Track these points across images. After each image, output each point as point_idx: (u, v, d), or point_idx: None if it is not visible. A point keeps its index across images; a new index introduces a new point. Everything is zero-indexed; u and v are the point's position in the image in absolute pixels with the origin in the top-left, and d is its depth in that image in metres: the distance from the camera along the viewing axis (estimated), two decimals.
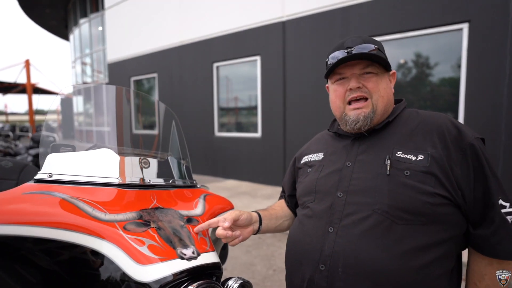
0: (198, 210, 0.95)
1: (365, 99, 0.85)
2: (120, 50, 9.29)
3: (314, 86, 5.10)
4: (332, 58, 0.87)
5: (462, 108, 3.94)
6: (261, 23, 5.76)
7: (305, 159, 1.05)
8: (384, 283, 0.71)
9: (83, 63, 14.46)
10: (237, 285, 0.76)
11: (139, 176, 0.93)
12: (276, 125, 5.69)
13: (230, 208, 1.12)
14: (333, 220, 0.81)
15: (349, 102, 0.87)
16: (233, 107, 6.76)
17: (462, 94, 3.93)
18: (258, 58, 5.89)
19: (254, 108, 6.16)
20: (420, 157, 0.76)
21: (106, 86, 1.29)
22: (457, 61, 4.00)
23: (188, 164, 1.24)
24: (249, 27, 5.94)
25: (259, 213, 1.00)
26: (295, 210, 1.11)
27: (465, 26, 3.81)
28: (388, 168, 0.77)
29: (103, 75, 12.42)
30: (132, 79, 9.01)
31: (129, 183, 0.88)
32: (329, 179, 0.88)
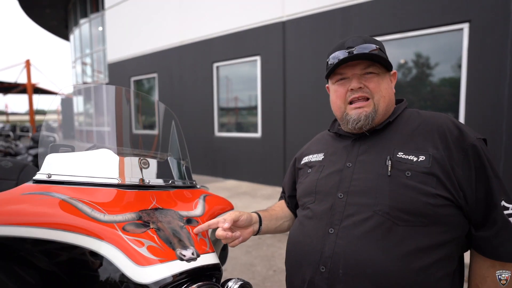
0: (197, 211, 0.95)
1: (367, 99, 0.85)
2: (120, 50, 9.29)
3: (314, 86, 5.09)
4: (332, 58, 0.86)
5: (462, 108, 3.93)
6: (261, 23, 5.75)
7: (305, 159, 1.04)
8: (385, 285, 0.70)
9: (84, 63, 14.47)
10: (237, 286, 0.76)
11: (139, 177, 0.92)
12: (276, 125, 5.69)
13: (230, 209, 1.12)
14: (333, 221, 0.80)
15: (350, 102, 0.87)
16: (233, 107, 6.76)
17: (462, 94, 3.92)
18: (258, 58, 5.88)
19: (254, 108, 6.16)
20: (421, 157, 0.76)
21: (105, 86, 1.28)
22: (457, 61, 4.00)
23: (187, 164, 1.24)
24: (249, 27, 5.93)
25: (259, 214, 0.99)
26: (295, 211, 1.10)
27: (465, 26, 3.81)
28: (389, 169, 0.77)
29: (103, 75, 12.42)
30: (132, 79, 9.01)
31: (128, 183, 0.88)
32: (330, 179, 0.87)
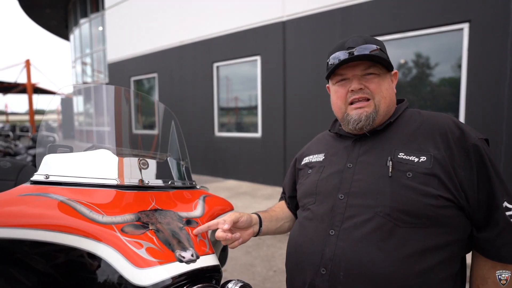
0: (197, 212, 0.94)
1: (367, 99, 0.84)
2: (120, 50, 9.28)
3: (315, 86, 5.09)
4: (333, 58, 0.86)
5: (462, 108, 3.93)
6: (261, 23, 5.75)
7: (305, 160, 1.03)
8: (386, 287, 0.70)
9: (84, 63, 14.47)
10: None
11: (138, 177, 0.91)
12: (276, 125, 5.68)
13: (230, 210, 1.11)
14: (334, 222, 0.79)
15: (351, 102, 0.86)
16: (233, 107, 6.75)
17: (462, 94, 3.92)
18: (258, 58, 5.88)
19: (254, 108, 6.15)
20: (422, 158, 0.75)
21: (105, 86, 1.28)
22: (457, 61, 3.99)
23: (187, 164, 1.23)
24: (249, 27, 5.93)
25: (259, 215, 0.98)
26: (295, 212, 1.09)
27: (465, 26, 3.80)
28: (390, 169, 0.76)
29: (103, 75, 12.42)
30: (132, 79, 9.00)
31: (127, 184, 0.87)
32: (330, 180, 0.87)
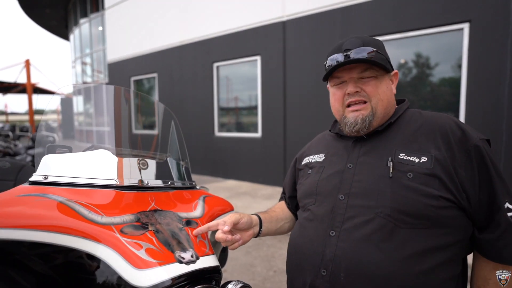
0: (197, 212, 0.94)
1: (364, 102, 0.84)
2: (120, 50, 9.27)
3: (315, 86, 5.08)
4: (330, 60, 0.86)
5: (462, 108, 3.92)
6: (261, 23, 5.74)
7: (306, 160, 1.03)
8: None
9: (83, 63, 14.46)
10: None
11: (137, 178, 0.91)
12: (276, 125, 5.68)
13: (230, 210, 1.10)
14: (334, 223, 0.79)
15: (348, 105, 0.86)
16: (233, 107, 6.75)
17: (463, 94, 3.92)
18: (258, 58, 5.87)
19: (254, 108, 6.14)
20: (423, 159, 0.74)
21: (105, 86, 1.27)
22: (457, 61, 3.99)
23: (187, 165, 1.23)
24: (249, 27, 5.92)
25: (259, 216, 0.98)
26: (295, 212, 1.09)
27: (465, 26, 3.80)
28: (391, 170, 0.76)
29: (103, 75, 12.41)
30: (132, 79, 8.99)
31: (127, 184, 0.87)
32: (330, 181, 0.86)
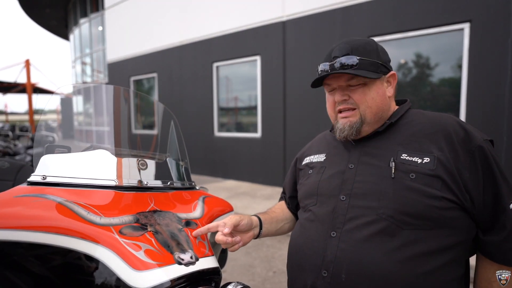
0: (196, 213, 0.93)
1: (353, 109, 0.84)
2: (120, 50, 9.27)
3: None
4: (319, 68, 0.87)
5: (463, 108, 3.92)
6: (261, 23, 5.74)
7: (306, 160, 1.02)
8: None
9: (83, 63, 14.45)
10: None
11: (137, 178, 0.90)
12: (276, 125, 5.67)
13: (230, 210, 1.10)
14: (335, 224, 0.78)
15: (339, 111, 0.87)
16: (233, 107, 6.74)
17: (463, 95, 3.91)
18: (258, 58, 5.87)
19: (254, 108, 6.14)
20: (426, 159, 0.74)
21: (104, 86, 1.27)
22: (458, 61, 3.98)
23: (186, 165, 1.22)
24: (249, 27, 5.91)
25: (259, 217, 0.97)
26: (296, 212, 1.09)
27: (466, 26, 3.79)
28: (393, 171, 0.75)
29: (103, 74, 12.40)
30: (132, 79, 8.99)
31: (126, 185, 0.86)
32: (331, 181, 0.86)
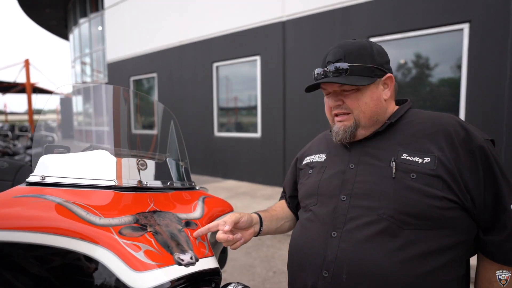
0: (196, 213, 0.93)
1: (348, 113, 0.85)
2: (120, 49, 9.26)
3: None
4: (315, 71, 0.88)
5: (463, 108, 3.92)
6: (261, 23, 5.73)
7: (307, 159, 1.02)
8: None
9: (83, 63, 14.44)
10: None
11: (136, 179, 0.90)
12: (276, 125, 5.67)
13: (230, 211, 1.10)
14: (336, 224, 0.78)
15: (335, 114, 0.88)
16: (232, 107, 6.74)
17: (462, 95, 3.91)
18: (258, 58, 5.86)
19: (254, 108, 6.13)
20: (426, 159, 0.73)
21: (104, 85, 1.26)
22: (457, 62, 3.98)
23: (186, 165, 1.22)
24: (249, 27, 5.91)
25: (259, 215, 0.97)
26: (296, 211, 1.08)
27: (465, 26, 3.79)
28: (394, 170, 0.75)
29: (103, 74, 12.40)
30: (132, 79, 8.98)
31: (125, 185, 0.86)
32: (332, 181, 0.85)
